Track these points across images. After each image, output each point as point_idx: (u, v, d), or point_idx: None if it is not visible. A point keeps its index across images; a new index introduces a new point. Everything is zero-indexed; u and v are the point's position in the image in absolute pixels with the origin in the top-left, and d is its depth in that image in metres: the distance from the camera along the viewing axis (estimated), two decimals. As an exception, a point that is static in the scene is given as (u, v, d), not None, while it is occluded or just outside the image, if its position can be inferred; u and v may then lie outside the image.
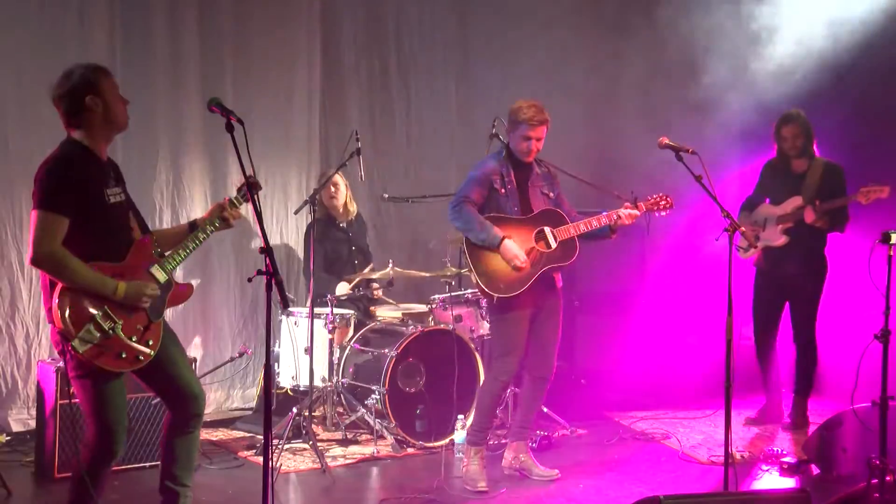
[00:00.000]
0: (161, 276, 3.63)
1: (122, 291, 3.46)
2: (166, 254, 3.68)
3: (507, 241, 4.74)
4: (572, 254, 4.89)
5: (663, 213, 4.96)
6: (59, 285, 3.41)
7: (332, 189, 6.30)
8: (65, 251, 3.40)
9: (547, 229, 4.85)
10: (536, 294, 4.85)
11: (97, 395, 3.52)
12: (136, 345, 3.51)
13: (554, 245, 4.83)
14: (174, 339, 3.80)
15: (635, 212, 4.87)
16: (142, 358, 3.54)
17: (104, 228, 3.54)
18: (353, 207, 6.49)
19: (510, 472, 5.10)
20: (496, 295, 4.77)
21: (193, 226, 3.83)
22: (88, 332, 3.40)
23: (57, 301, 3.41)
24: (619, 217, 4.84)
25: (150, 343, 3.57)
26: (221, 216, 3.80)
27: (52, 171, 3.44)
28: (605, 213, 4.88)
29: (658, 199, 4.94)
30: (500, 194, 4.86)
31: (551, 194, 5.00)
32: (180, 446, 3.80)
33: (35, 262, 3.41)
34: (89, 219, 3.47)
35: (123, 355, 3.49)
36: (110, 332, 3.44)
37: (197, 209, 6.20)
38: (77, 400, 3.60)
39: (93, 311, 3.43)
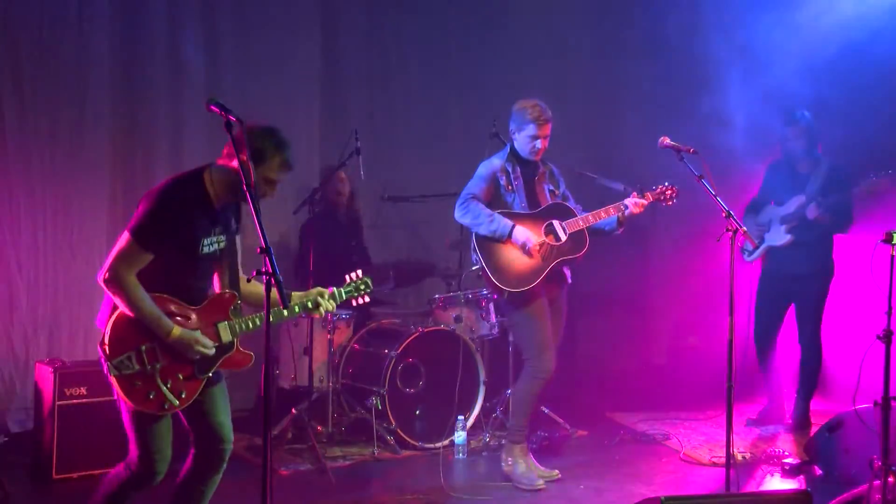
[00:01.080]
0: (226, 335, 3.47)
1: (175, 335, 3.33)
2: (240, 317, 3.51)
3: (517, 227, 4.75)
4: (582, 246, 4.89)
5: (669, 204, 4.96)
6: (119, 310, 3.35)
7: (340, 184, 6.38)
8: (136, 283, 3.29)
9: (555, 222, 4.86)
10: (548, 288, 4.87)
11: (136, 420, 3.40)
12: (167, 391, 3.36)
13: (564, 237, 4.84)
14: (220, 379, 3.60)
15: (642, 201, 4.87)
16: (167, 407, 3.38)
17: (185, 274, 3.43)
18: (353, 204, 6.50)
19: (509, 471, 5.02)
20: (508, 289, 4.76)
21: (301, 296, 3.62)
22: (128, 359, 3.32)
23: (112, 322, 3.34)
24: (627, 207, 4.84)
25: (183, 395, 3.40)
26: (315, 303, 3.60)
27: (159, 207, 3.30)
28: (612, 205, 4.88)
29: (663, 189, 4.94)
30: (507, 191, 4.89)
31: (557, 191, 5.02)
32: (197, 488, 3.62)
33: (105, 282, 3.30)
34: (174, 261, 3.38)
35: (151, 396, 3.35)
36: (149, 368, 3.33)
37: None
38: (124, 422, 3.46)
39: (140, 342, 3.34)
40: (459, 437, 5.48)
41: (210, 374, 3.46)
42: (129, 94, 6.04)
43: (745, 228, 4.26)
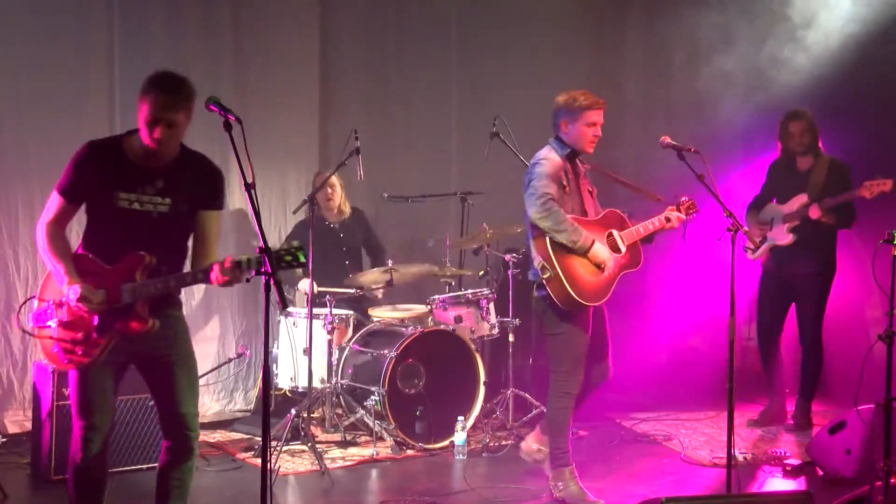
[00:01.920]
0: (126, 297, 3.44)
1: (68, 286, 3.40)
2: (144, 280, 3.46)
3: (597, 245, 4.49)
4: (639, 259, 4.69)
5: (692, 216, 4.78)
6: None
7: (329, 190, 6.27)
8: (54, 231, 3.48)
9: (615, 233, 4.65)
10: None
11: (73, 381, 3.53)
12: (70, 347, 3.46)
13: (623, 249, 4.64)
14: (186, 363, 3.64)
15: (681, 215, 4.70)
16: (68, 362, 3.48)
17: (110, 229, 3.48)
18: (346, 208, 6.45)
19: (529, 459, 4.91)
20: (584, 302, 4.46)
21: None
22: (42, 313, 3.53)
23: (42, 281, 3.60)
24: (670, 220, 4.68)
25: (85, 352, 3.45)
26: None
27: (73, 159, 3.49)
28: (658, 216, 4.71)
29: (688, 202, 4.74)
30: (566, 192, 4.59)
31: (593, 191, 4.79)
32: (172, 477, 3.67)
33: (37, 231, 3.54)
34: (98, 216, 3.51)
35: (54, 350, 3.50)
36: (53, 323, 3.47)
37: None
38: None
39: (49, 297, 3.52)
40: (459, 437, 5.46)
41: (109, 335, 3.44)
42: (127, 93, 6.01)
43: (745, 227, 4.25)
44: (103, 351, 3.46)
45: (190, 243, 3.65)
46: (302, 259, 3.27)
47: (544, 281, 4.49)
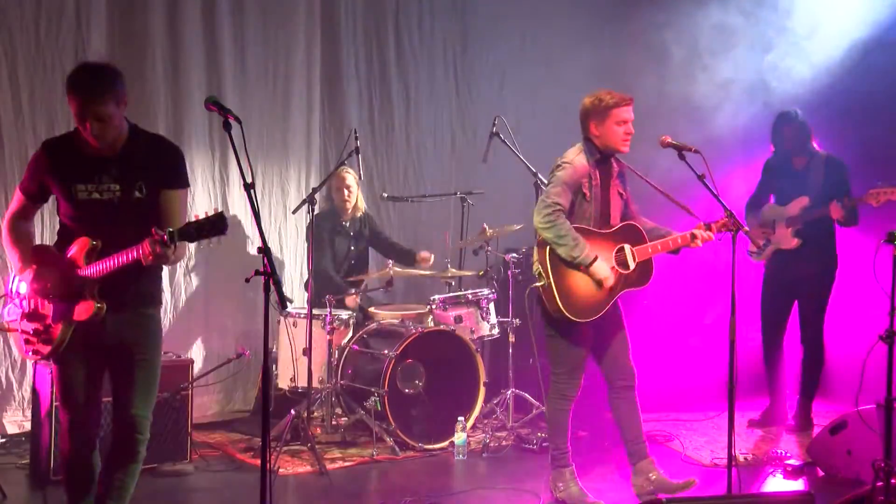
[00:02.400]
0: (76, 282, 3.49)
1: (20, 274, 3.59)
2: (89, 262, 3.48)
3: (598, 262, 4.39)
4: (648, 277, 4.57)
5: (730, 233, 4.55)
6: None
7: (346, 192, 6.29)
8: (13, 223, 3.66)
9: (627, 248, 4.52)
10: None
11: (53, 376, 3.66)
12: (27, 336, 3.58)
13: (632, 266, 4.51)
14: (148, 364, 3.61)
15: (710, 234, 4.50)
16: (31, 354, 3.59)
17: (73, 222, 3.58)
18: (362, 205, 6.47)
19: (646, 497, 4.62)
20: (573, 318, 4.41)
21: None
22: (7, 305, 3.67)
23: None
24: (696, 238, 4.51)
25: (46, 341, 3.53)
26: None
27: (31, 159, 3.65)
28: (679, 234, 4.56)
29: (727, 220, 4.49)
30: (586, 199, 4.47)
31: (624, 194, 4.64)
32: (114, 477, 3.64)
33: None
34: (63, 210, 3.60)
35: (21, 342, 3.62)
36: (17, 314, 3.60)
37: (199, 207, 6.16)
38: None
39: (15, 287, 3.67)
40: (459, 438, 5.45)
41: (64, 323, 3.49)
42: (127, 91, 5.99)
43: (746, 228, 4.24)
44: (62, 341, 3.50)
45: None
46: (222, 228, 3.28)
47: (539, 288, 4.46)
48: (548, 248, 4.42)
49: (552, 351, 4.62)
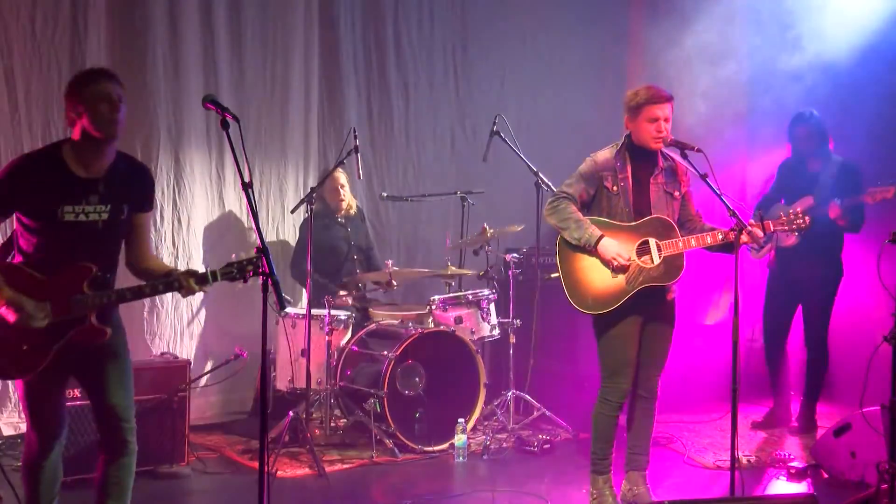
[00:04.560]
0: (78, 309, 3.40)
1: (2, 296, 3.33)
2: (93, 292, 3.42)
3: (605, 240, 4.23)
4: (676, 274, 4.30)
5: (796, 233, 4.43)
6: None
7: (341, 191, 6.27)
8: None
9: (652, 241, 4.30)
10: (642, 306, 4.33)
11: (21, 391, 3.49)
12: (13, 358, 3.39)
13: (657, 260, 4.29)
14: (115, 353, 3.57)
15: (759, 231, 4.22)
16: (14, 375, 3.46)
17: (53, 245, 3.40)
18: (353, 206, 6.45)
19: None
20: (581, 310, 4.32)
21: (168, 275, 3.48)
22: None
23: None
24: (738, 232, 4.19)
25: (29, 365, 3.39)
26: (178, 283, 3.42)
27: (5, 174, 3.38)
28: (714, 231, 4.32)
29: (793, 217, 4.30)
30: (612, 193, 4.34)
31: (676, 193, 4.42)
32: (108, 475, 3.59)
33: None
34: (40, 231, 3.39)
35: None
36: None
37: (198, 207, 6.16)
38: None
39: None
40: (460, 440, 5.42)
41: (55, 347, 3.38)
42: (126, 91, 5.95)
43: (752, 228, 4.20)
44: (46, 363, 3.40)
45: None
46: (266, 268, 3.22)
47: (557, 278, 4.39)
48: (559, 238, 4.36)
49: (599, 352, 4.46)
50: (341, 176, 6.24)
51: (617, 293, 4.29)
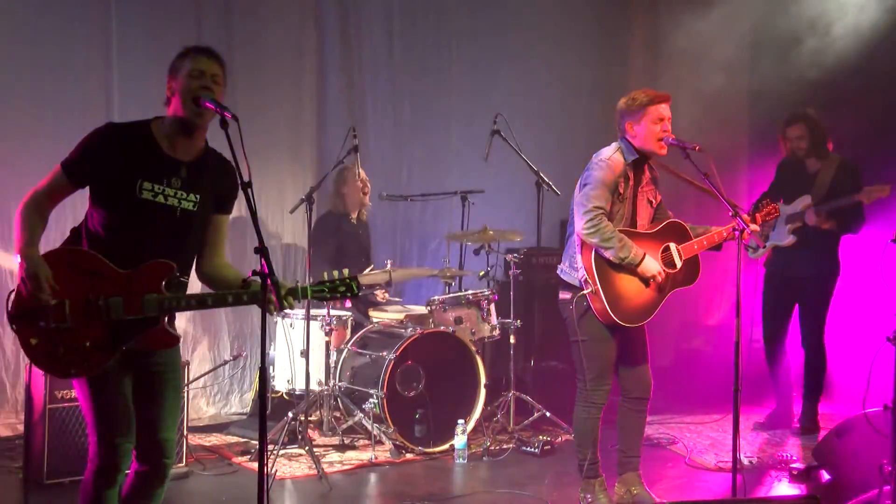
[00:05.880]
0: (150, 309, 3.13)
1: (30, 268, 3.04)
2: (177, 293, 3.20)
3: (647, 259, 4.26)
4: (695, 274, 4.44)
5: (770, 220, 4.54)
6: None
7: (364, 186, 6.27)
8: (37, 202, 3.17)
9: (673, 246, 4.38)
10: None
11: (86, 392, 3.16)
12: (68, 354, 3.09)
13: (679, 264, 4.38)
14: (175, 382, 3.35)
15: (756, 227, 4.37)
16: (73, 372, 3.11)
17: (125, 224, 3.14)
18: (368, 204, 6.44)
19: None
20: (622, 322, 4.29)
21: (245, 283, 3.23)
22: (33, 313, 3.09)
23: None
24: (740, 231, 4.22)
25: (89, 363, 3.10)
26: (265, 298, 3.06)
27: (90, 138, 3.17)
28: (723, 227, 4.41)
29: (770, 207, 4.47)
30: (620, 199, 4.33)
31: (654, 202, 4.51)
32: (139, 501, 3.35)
33: (20, 208, 3.20)
34: (112, 207, 3.15)
35: (53, 357, 3.12)
36: (52, 325, 3.06)
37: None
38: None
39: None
40: (460, 441, 5.40)
41: (123, 347, 3.11)
42: (127, 91, 5.95)
43: (750, 228, 4.19)
44: (109, 362, 3.14)
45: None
46: (356, 291, 3.18)
47: (587, 294, 4.31)
48: (593, 252, 4.28)
49: (578, 356, 4.47)
50: (362, 172, 6.20)
51: (652, 303, 4.36)
